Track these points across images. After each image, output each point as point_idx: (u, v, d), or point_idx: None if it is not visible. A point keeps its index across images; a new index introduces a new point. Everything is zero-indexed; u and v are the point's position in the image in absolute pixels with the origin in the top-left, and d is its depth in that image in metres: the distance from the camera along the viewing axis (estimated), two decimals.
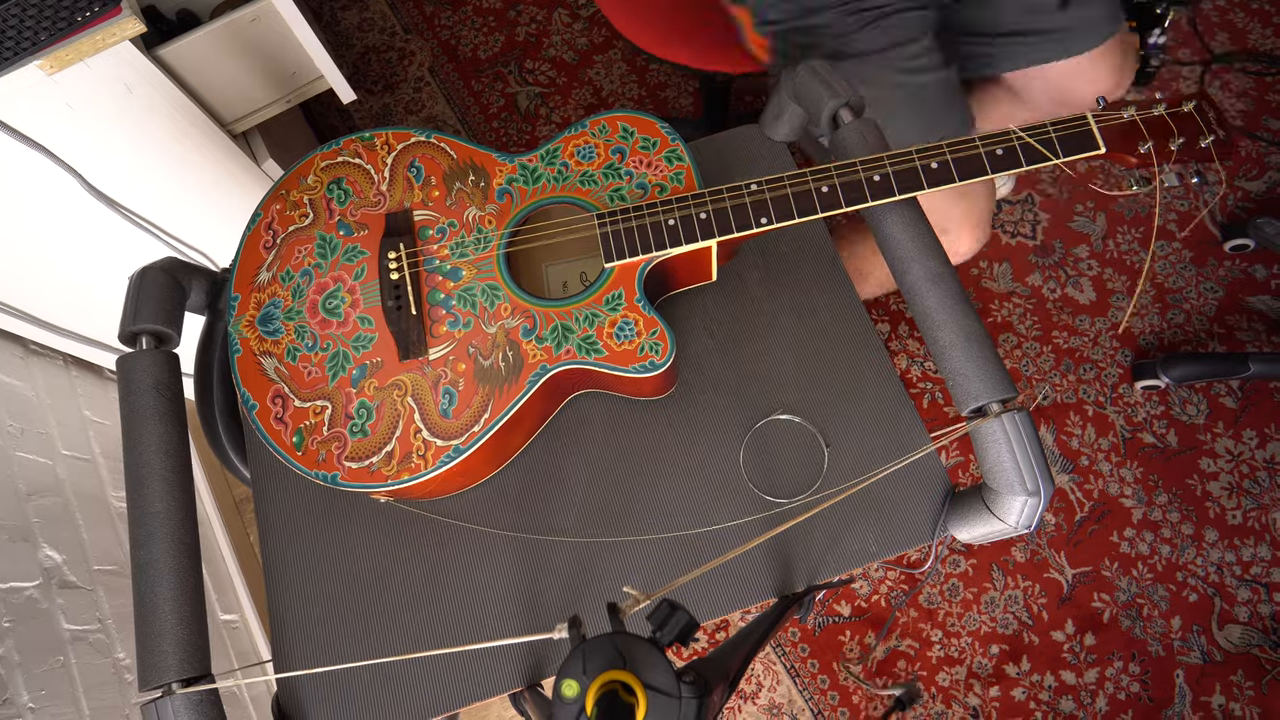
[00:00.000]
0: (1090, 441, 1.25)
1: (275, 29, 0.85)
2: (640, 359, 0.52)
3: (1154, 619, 1.16)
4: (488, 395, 0.52)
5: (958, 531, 0.54)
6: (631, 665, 0.32)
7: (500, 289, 0.55)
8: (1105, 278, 1.34)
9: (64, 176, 0.76)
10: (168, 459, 0.50)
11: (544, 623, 0.56)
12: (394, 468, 0.51)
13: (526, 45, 1.53)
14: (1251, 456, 1.23)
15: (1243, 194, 1.37)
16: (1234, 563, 1.18)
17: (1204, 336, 1.29)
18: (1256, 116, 1.42)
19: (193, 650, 0.46)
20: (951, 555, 1.21)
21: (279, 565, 0.59)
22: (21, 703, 0.70)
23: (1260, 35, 1.47)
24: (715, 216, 0.53)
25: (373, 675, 0.55)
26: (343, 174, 0.59)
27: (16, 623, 0.74)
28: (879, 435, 0.60)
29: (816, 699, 1.15)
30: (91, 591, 0.87)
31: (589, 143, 0.58)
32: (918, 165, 0.52)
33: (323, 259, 0.57)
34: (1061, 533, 1.21)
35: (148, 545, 0.48)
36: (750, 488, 0.59)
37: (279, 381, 0.54)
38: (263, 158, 0.97)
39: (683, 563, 0.57)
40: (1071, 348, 1.30)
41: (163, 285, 0.56)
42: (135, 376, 0.52)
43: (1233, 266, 1.33)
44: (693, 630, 0.35)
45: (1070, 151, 0.52)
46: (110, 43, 0.66)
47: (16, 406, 0.89)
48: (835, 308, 0.64)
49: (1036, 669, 1.14)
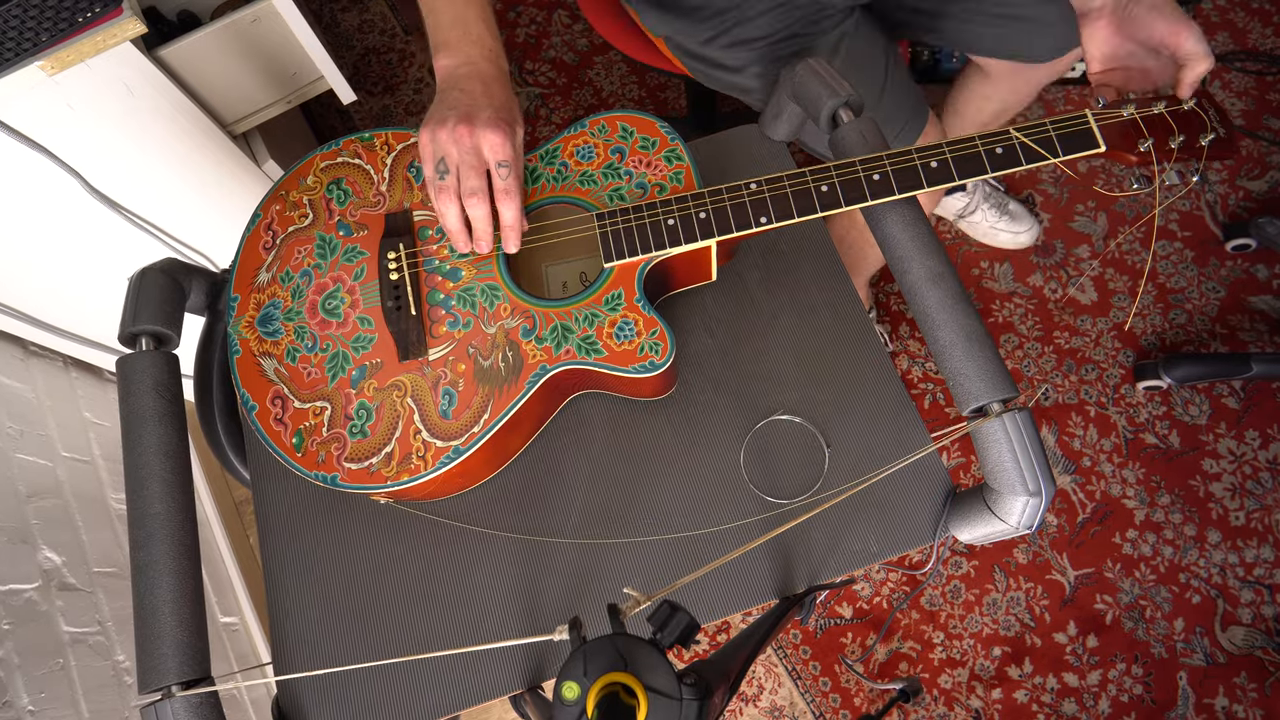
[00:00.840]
0: (1092, 442, 1.25)
1: (276, 30, 0.85)
2: (640, 359, 0.51)
3: (1157, 621, 1.15)
4: (487, 396, 0.52)
5: (959, 532, 0.54)
6: (632, 667, 0.32)
7: (500, 289, 0.55)
8: (1107, 278, 1.33)
9: (65, 177, 0.76)
10: (167, 460, 0.50)
11: (544, 624, 0.56)
12: (394, 469, 0.51)
13: (526, 46, 1.53)
14: (1254, 457, 1.22)
15: (1244, 193, 1.37)
16: (1237, 564, 1.17)
17: (1206, 337, 1.29)
18: (1258, 116, 1.42)
19: (192, 652, 0.46)
20: (953, 557, 1.20)
21: (279, 567, 0.58)
22: (21, 705, 0.70)
23: (1260, 35, 1.47)
24: (715, 216, 0.53)
25: (373, 678, 0.55)
26: (342, 174, 0.59)
27: (16, 625, 0.74)
28: (880, 435, 0.60)
29: (818, 701, 1.15)
30: (91, 594, 0.87)
31: (588, 142, 0.58)
32: (917, 164, 0.52)
33: (322, 259, 0.57)
34: (1063, 534, 1.20)
35: (147, 547, 0.48)
36: (751, 488, 0.58)
37: (278, 382, 0.54)
38: (263, 158, 0.97)
39: (683, 564, 0.57)
40: (1073, 348, 1.30)
41: (162, 286, 0.55)
42: (135, 378, 0.52)
43: (1234, 266, 1.32)
44: (694, 632, 0.35)
45: (1070, 150, 0.52)
46: (111, 44, 0.67)
47: (16, 408, 0.89)
48: (835, 307, 0.64)
49: (1039, 671, 1.14)
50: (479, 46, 0.55)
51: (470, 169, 0.51)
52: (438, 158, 0.52)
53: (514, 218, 0.53)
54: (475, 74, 0.54)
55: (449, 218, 0.52)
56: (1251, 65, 1.44)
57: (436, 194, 0.52)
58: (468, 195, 0.51)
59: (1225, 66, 1.45)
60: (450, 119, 0.51)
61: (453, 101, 0.53)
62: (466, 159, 0.51)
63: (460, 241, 0.54)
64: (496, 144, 0.51)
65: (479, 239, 0.54)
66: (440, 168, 0.52)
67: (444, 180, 0.52)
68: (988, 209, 1.28)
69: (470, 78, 0.54)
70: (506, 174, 0.52)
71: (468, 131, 0.51)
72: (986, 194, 1.27)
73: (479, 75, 0.54)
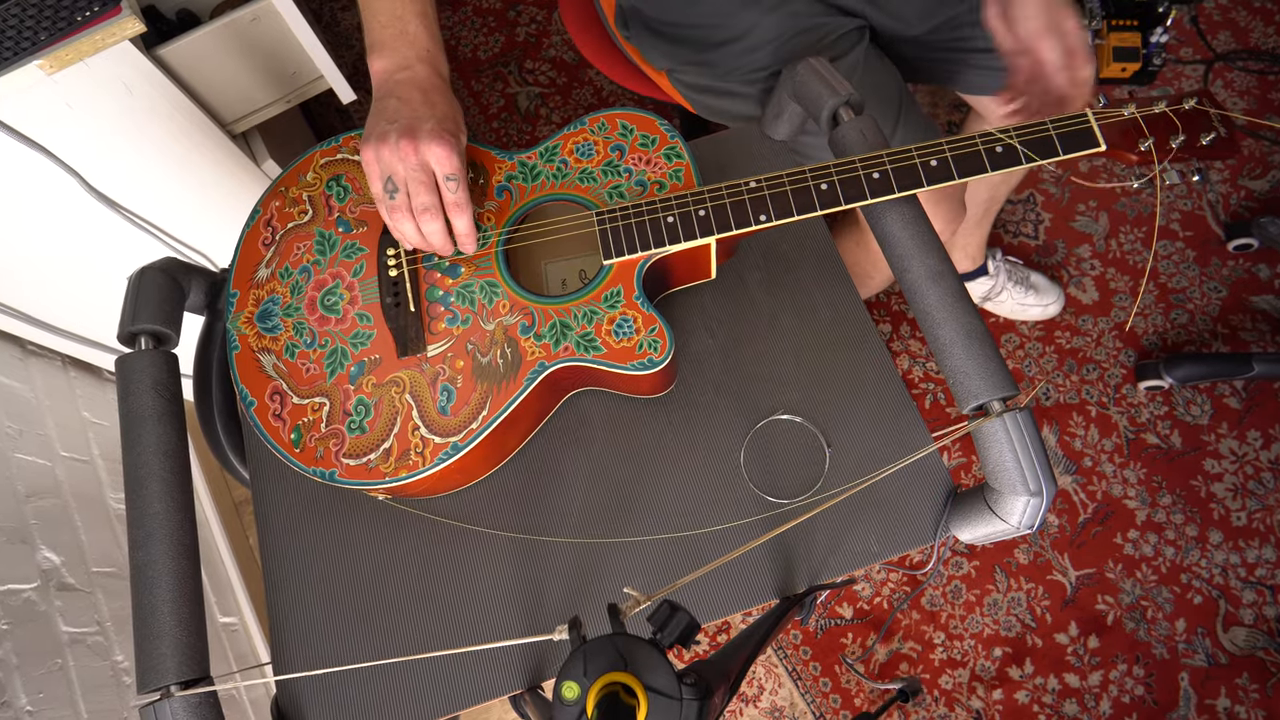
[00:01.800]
0: (1093, 442, 1.25)
1: (275, 29, 0.85)
2: (639, 356, 0.51)
3: (1158, 621, 1.15)
4: (486, 392, 0.52)
5: (960, 532, 0.53)
6: (632, 667, 0.32)
7: (499, 286, 0.54)
8: (1108, 277, 1.33)
9: (63, 177, 0.76)
10: (167, 460, 0.50)
11: (544, 624, 0.55)
12: (392, 465, 0.51)
13: (526, 45, 1.53)
14: (1256, 457, 1.22)
15: (1246, 193, 1.37)
16: (1239, 564, 1.17)
17: (1207, 337, 1.29)
18: (1259, 115, 1.41)
19: (191, 652, 0.46)
20: (954, 557, 1.20)
21: (278, 567, 0.58)
22: (20, 705, 0.70)
23: (1262, 34, 1.47)
24: (714, 214, 0.53)
25: (372, 677, 0.55)
26: (342, 171, 0.59)
27: (14, 625, 0.74)
28: (880, 435, 0.59)
29: (818, 701, 1.14)
30: (90, 594, 0.87)
31: (588, 140, 0.58)
32: (917, 163, 0.52)
33: (321, 256, 0.57)
34: (1065, 534, 1.20)
35: (146, 547, 0.47)
36: (751, 488, 0.58)
37: (277, 378, 0.54)
38: (262, 158, 0.97)
39: (684, 564, 0.56)
40: (1074, 348, 1.30)
41: (161, 285, 0.55)
42: (134, 377, 0.52)
43: (1236, 266, 1.32)
44: (694, 632, 0.35)
45: (1070, 149, 0.51)
46: (110, 43, 0.66)
47: (15, 408, 0.89)
48: (836, 307, 0.64)
49: (1040, 672, 1.14)
50: (414, 48, 0.53)
51: (420, 184, 0.50)
52: (385, 176, 0.51)
53: (467, 226, 0.52)
54: (412, 80, 0.53)
55: (408, 235, 0.52)
56: (1253, 64, 1.44)
57: (390, 213, 0.51)
58: (420, 211, 0.51)
59: (1227, 65, 1.45)
60: (392, 134, 0.50)
61: (392, 113, 0.51)
62: (414, 175, 0.50)
63: (421, 248, 0.54)
64: (442, 157, 0.50)
65: (438, 249, 0.53)
66: (389, 186, 0.51)
67: (394, 200, 0.51)
68: (1012, 287, 1.27)
69: (408, 84, 0.52)
70: (455, 187, 0.51)
71: (412, 147, 0.49)
72: (1009, 272, 1.26)
73: (416, 83, 0.53)
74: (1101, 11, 1.39)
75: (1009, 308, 1.29)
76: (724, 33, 0.76)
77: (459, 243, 0.54)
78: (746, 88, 0.79)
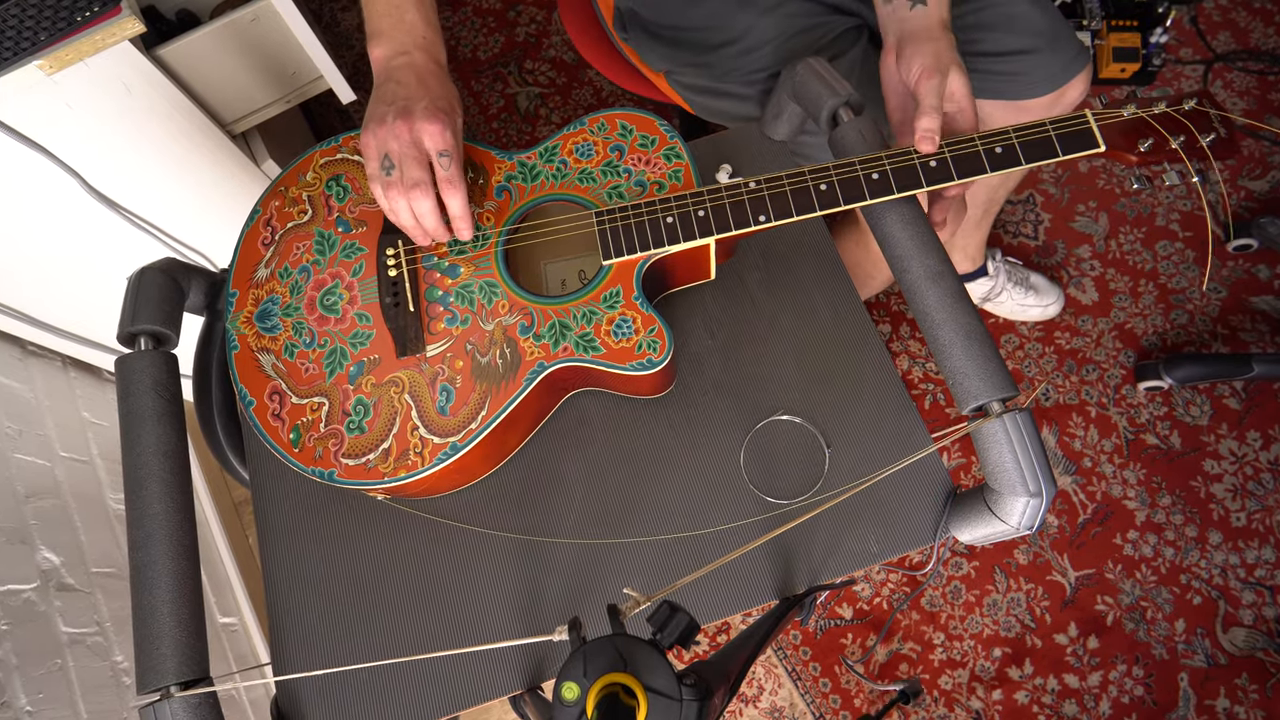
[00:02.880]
0: (1093, 443, 1.25)
1: (275, 29, 0.85)
2: (638, 356, 0.51)
3: (1158, 622, 1.15)
4: (485, 392, 0.52)
5: (960, 533, 0.53)
6: (632, 667, 0.32)
7: (498, 286, 0.54)
8: (1108, 278, 1.33)
9: (63, 177, 0.76)
10: (166, 460, 0.50)
11: (544, 624, 0.55)
12: (391, 465, 0.51)
13: (526, 46, 1.53)
14: (1255, 458, 1.22)
15: (1246, 193, 1.37)
16: (1238, 565, 1.17)
17: (1207, 337, 1.29)
18: (1259, 115, 1.41)
19: (191, 653, 0.46)
20: (953, 558, 1.20)
21: (278, 567, 0.58)
22: (19, 706, 0.70)
23: (1262, 34, 1.47)
24: (713, 214, 0.53)
25: (372, 678, 0.55)
26: (342, 171, 0.59)
27: (14, 625, 0.74)
28: (880, 436, 0.59)
29: (818, 702, 1.14)
30: (89, 594, 0.87)
31: (588, 140, 0.58)
32: (916, 163, 0.52)
33: (321, 255, 0.57)
34: (1064, 535, 1.20)
35: (146, 547, 0.47)
36: (751, 489, 0.58)
37: (276, 378, 0.54)
38: (262, 158, 0.97)
39: (683, 564, 0.56)
40: (1074, 348, 1.30)
41: (161, 286, 0.55)
42: (134, 377, 0.52)
43: (1236, 266, 1.32)
44: (694, 632, 0.35)
45: (1070, 150, 0.51)
46: (110, 43, 0.66)
47: (14, 408, 0.89)
48: (836, 308, 0.64)
49: (1039, 672, 1.14)
50: (411, 35, 0.55)
51: (412, 160, 0.51)
52: (381, 154, 0.52)
53: (461, 207, 0.53)
54: (409, 66, 0.54)
55: (401, 214, 0.52)
56: (1253, 65, 1.44)
57: (384, 190, 0.52)
58: (410, 187, 0.51)
59: (1227, 66, 1.45)
60: (388, 115, 0.51)
61: (389, 97, 0.53)
62: (408, 151, 0.51)
63: (417, 236, 0.54)
64: (435, 133, 0.51)
65: (432, 232, 0.53)
66: (385, 164, 0.51)
67: (389, 176, 0.51)
68: (1011, 288, 1.27)
69: (404, 69, 0.54)
70: (448, 163, 0.52)
71: (406, 126, 0.51)
72: (1008, 272, 1.26)
73: (413, 68, 0.54)
74: (1101, 12, 1.39)
75: (1009, 308, 1.29)
76: (722, 35, 0.76)
77: (454, 226, 0.54)
78: (745, 89, 0.79)
